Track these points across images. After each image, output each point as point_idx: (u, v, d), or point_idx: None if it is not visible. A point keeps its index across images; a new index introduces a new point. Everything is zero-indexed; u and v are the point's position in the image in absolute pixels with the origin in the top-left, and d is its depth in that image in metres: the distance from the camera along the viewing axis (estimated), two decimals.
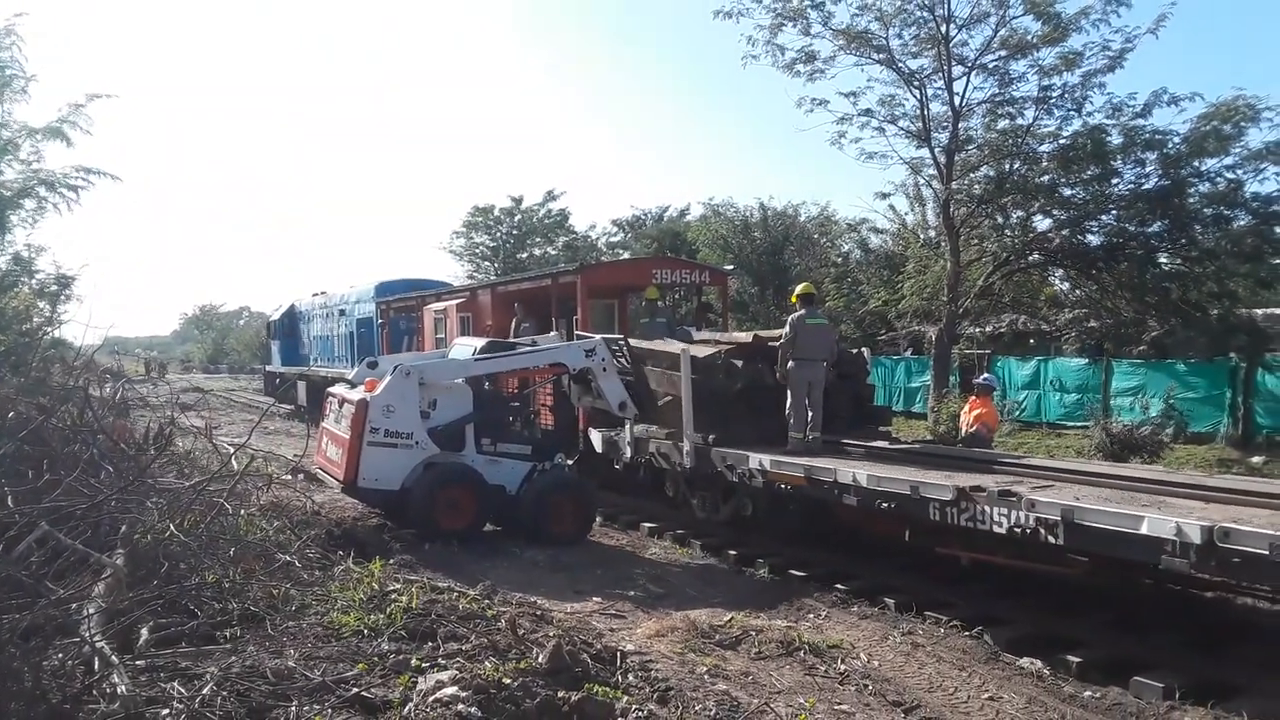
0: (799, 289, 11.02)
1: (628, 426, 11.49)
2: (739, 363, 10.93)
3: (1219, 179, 19.46)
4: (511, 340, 12.28)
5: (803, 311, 10.41)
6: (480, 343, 11.28)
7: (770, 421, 10.70)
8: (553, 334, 12.28)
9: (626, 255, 43.44)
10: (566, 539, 10.15)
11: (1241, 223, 19.54)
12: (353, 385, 10.71)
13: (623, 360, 11.03)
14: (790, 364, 10.28)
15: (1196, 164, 19.54)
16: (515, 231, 52.77)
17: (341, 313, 26.45)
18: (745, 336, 12.18)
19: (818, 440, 10.19)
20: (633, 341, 11.67)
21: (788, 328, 10.36)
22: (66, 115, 11.11)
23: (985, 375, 14.40)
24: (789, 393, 10.32)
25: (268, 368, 37.39)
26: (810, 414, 10.21)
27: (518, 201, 52.33)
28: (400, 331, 21.82)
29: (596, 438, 12.48)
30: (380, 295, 23.63)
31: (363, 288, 25.45)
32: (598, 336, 11.11)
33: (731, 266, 24.36)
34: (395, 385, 9.79)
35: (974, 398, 12.66)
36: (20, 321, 11.11)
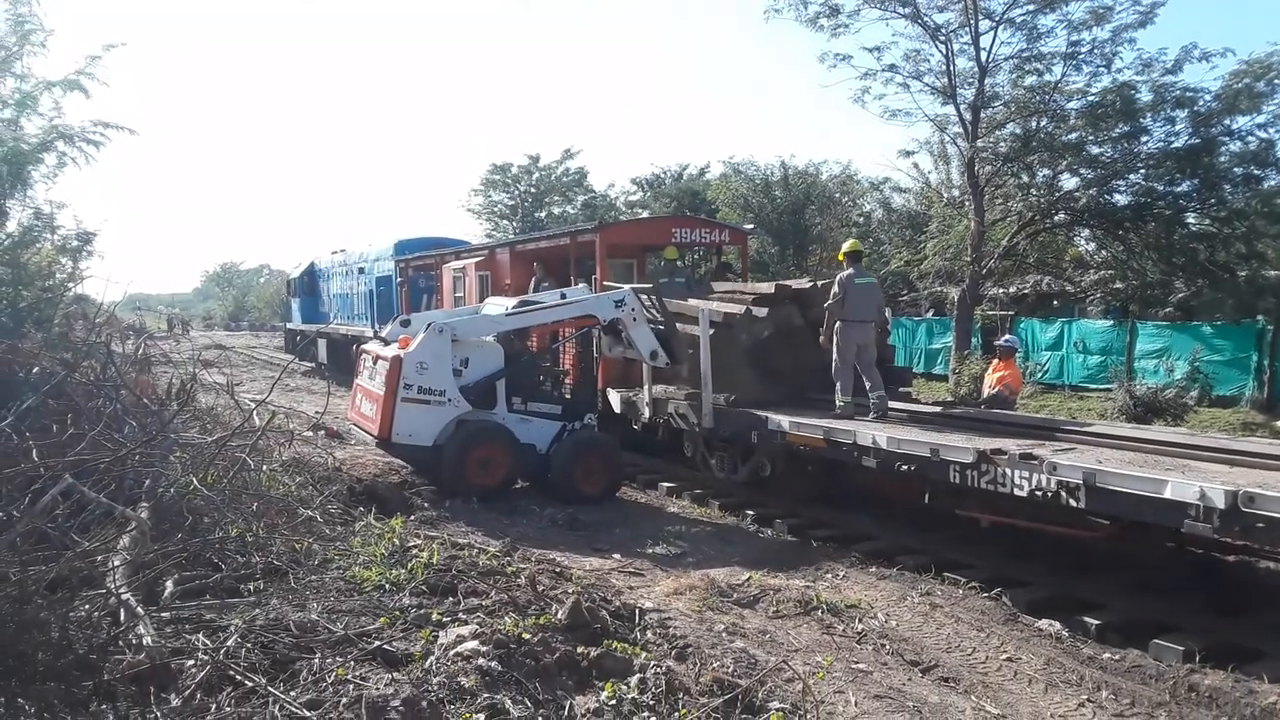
0: (846, 246, 10.42)
1: (646, 388, 11.46)
2: (763, 311, 10.78)
3: (1250, 138, 19.14)
4: (536, 297, 12.22)
5: (850, 270, 9.89)
6: (512, 302, 11.26)
7: (804, 375, 10.58)
8: (581, 285, 12.14)
9: (646, 214, 43.15)
10: (596, 498, 10.23)
11: (1273, 182, 19.23)
12: (386, 342, 10.75)
13: (652, 310, 10.94)
14: (838, 326, 9.83)
15: (1228, 122, 19.21)
16: (533, 190, 52.67)
17: (361, 271, 26.45)
18: (767, 286, 12.00)
19: (865, 405, 9.78)
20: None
21: (836, 287, 9.88)
22: (84, 67, 11.05)
23: (1007, 337, 14.25)
24: (836, 356, 9.89)
25: (288, 325, 37.54)
26: (868, 381, 9.79)
27: (535, 160, 52.17)
28: (419, 290, 21.82)
29: (615, 398, 12.48)
30: (399, 254, 23.58)
31: (382, 246, 25.41)
32: (626, 286, 11.02)
33: (752, 226, 24.04)
34: (429, 342, 9.82)
35: (998, 360, 12.56)
36: (43, 277, 11.15)
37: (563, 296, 11.13)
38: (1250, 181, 19.27)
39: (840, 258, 10.41)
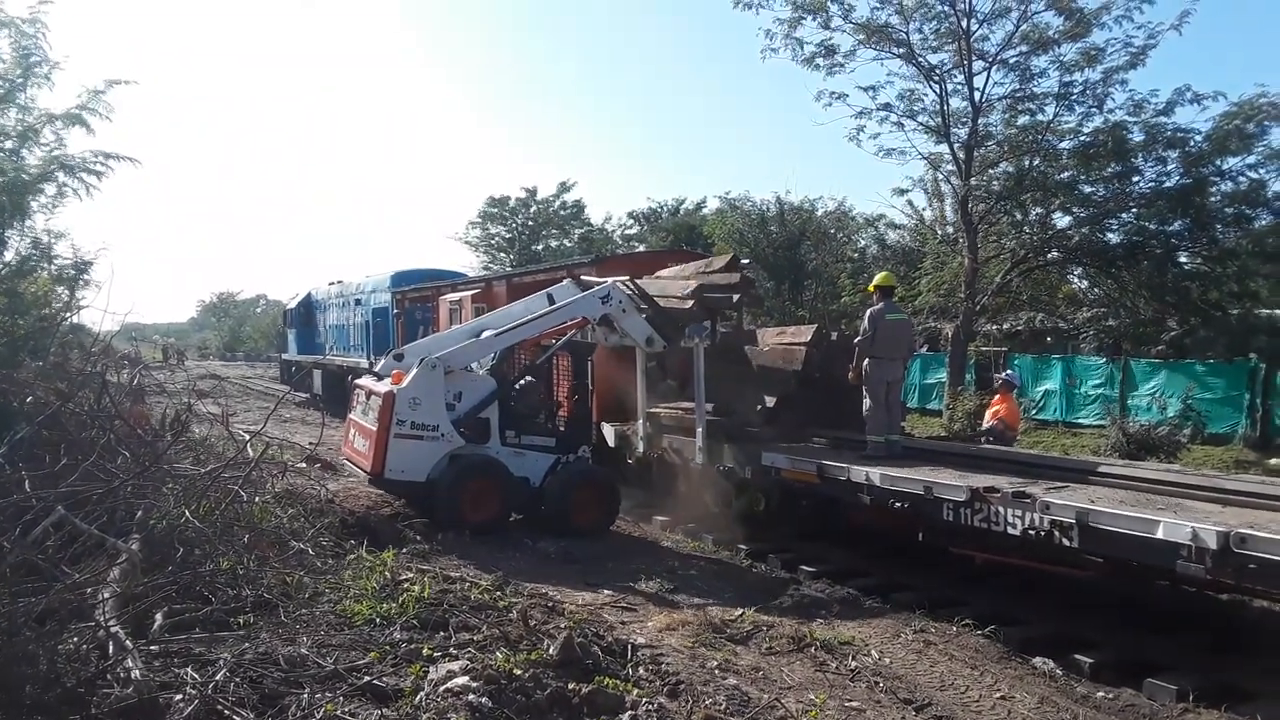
0: (877, 279, 10.16)
1: (640, 423, 11.44)
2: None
3: (1241, 178, 19.34)
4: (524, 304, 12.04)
5: (881, 305, 9.71)
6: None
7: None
8: (565, 281, 11.85)
9: (642, 248, 43.35)
10: (590, 531, 10.16)
11: (1263, 222, 19.43)
12: (379, 377, 10.73)
13: (634, 298, 10.85)
14: (867, 363, 9.63)
15: (1218, 162, 19.40)
16: (530, 223, 52.90)
17: (357, 302, 26.54)
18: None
19: (899, 444, 9.75)
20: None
21: (866, 323, 9.71)
22: (87, 102, 11.09)
23: (1007, 372, 14.30)
24: (867, 394, 9.70)
25: (284, 356, 37.58)
26: (890, 414, 9.70)
27: (532, 193, 52.48)
28: (415, 321, 21.87)
29: (609, 432, 12.48)
30: (396, 285, 23.68)
31: (379, 277, 25.52)
32: (610, 280, 10.97)
33: (747, 261, 24.20)
34: (421, 378, 9.81)
35: (996, 395, 12.61)
36: (39, 306, 11.13)
37: (550, 300, 11.02)
38: (1241, 221, 19.46)
39: (870, 290, 10.20)
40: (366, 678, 4.42)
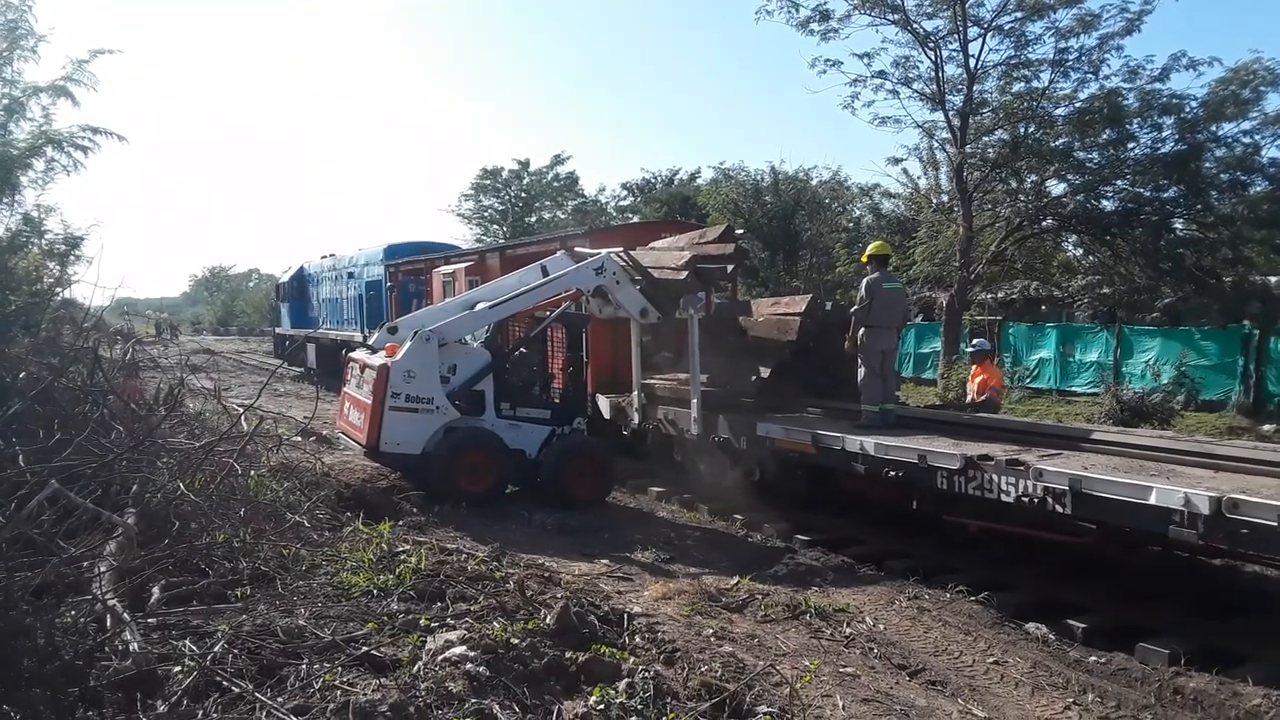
0: (872, 248, 10.07)
1: (635, 394, 11.45)
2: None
3: (1236, 144, 19.31)
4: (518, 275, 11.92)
5: (877, 274, 9.64)
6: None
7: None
8: (559, 253, 11.69)
9: (636, 219, 43.19)
10: (587, 502, 10.21)
11: (1258, 188, 19.43)
12: (373, 350, 10.69)
13: (628, 269, 10.81)
14: (863, 332, 9.57)
15: (1214, 128, 19.35)
16: (524, 195, 52.68)
17: (350, 275, 26.41)
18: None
19: (893, 413, 9.73)
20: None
21: (863, 291, 9.65)
22: (71, 73, 10.99)
23: (975, 341, 14.24)
24: (861, 363, 9.65)
25: (277, 330, 37.45)
26: (885, 384, 9.66)
27: (525, 165, 52.17)
28: (409, 294, 21.79)
29: (604, 404, 12.48)
30: (389, 258, 23.56)
31: (371, 250, 25.38)
32: (603, 251, 10.94)
33: (742, 231, 24.11)
34: (416, 351, 9.79)
35: (975, 365, 12.63)
36: (30, 282, 11.09)
37: (544, 272, 10.92)
38: (1236, 187, 19.45)
39: (865, 260, 10.17)
40: (364, 648, 4.45)
